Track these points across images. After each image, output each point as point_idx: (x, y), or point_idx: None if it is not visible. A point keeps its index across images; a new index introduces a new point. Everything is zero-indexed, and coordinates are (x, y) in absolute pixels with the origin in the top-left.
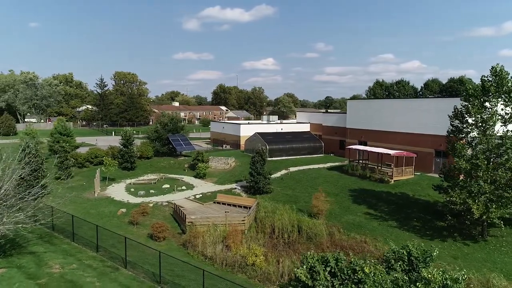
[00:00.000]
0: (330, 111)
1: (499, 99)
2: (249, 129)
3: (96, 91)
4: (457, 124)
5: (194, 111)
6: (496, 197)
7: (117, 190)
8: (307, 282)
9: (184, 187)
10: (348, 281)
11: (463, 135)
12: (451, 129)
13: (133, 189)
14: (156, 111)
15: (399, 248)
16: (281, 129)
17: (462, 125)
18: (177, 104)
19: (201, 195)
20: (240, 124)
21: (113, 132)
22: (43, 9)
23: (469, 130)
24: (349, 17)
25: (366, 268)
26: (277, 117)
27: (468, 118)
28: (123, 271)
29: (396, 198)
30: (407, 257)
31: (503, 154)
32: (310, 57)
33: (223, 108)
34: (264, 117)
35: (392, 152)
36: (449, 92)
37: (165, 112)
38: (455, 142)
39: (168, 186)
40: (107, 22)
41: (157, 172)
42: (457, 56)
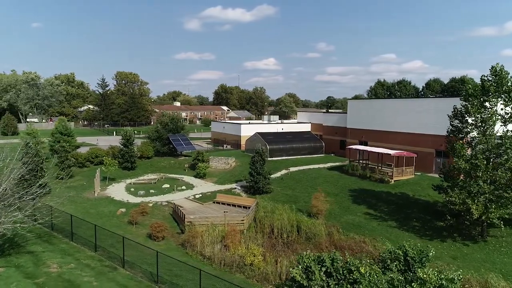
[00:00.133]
0: (331, 111)
1: (499, 99)
2: (250, 129)
3: (97, 91)
4: (457, 124)
5: (195, 111)
6: (495, 197)
7: (117, 189)
8: (302, 282)
9: (184, 187)
10: (343, 281)
11: (463, 135)
12: (451, 129)
13: (133, 189)
14: (157, 111)
15: (395, 248)
16: (282, 129)
17: (461, 125)
18: (178, 104)
19: (200, 195)
20: (240, 124)
21: (114, 132)
22: (45, 10)
23: (469, 130)
24: (351, 17)
25: (361, 268)
26: (278, 117)
27: (467, 118)
28: (121, 271)
29: (396, 198)
30: (403, 257)
31: (502, 154)
32: (311, 57)
33: (225, 108)
34: (265, 117)
35: (392, 152)
36: (451, 92)
37: (166, 112)
38: (454, 142)
39: (168, 186)
40: (109, 22)
41: (157, 172)
42: (459, 56)
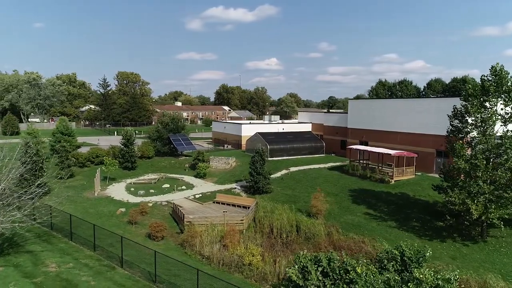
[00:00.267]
0: (332, 111)
1: (499, 99)
2: (250, 129)
3: (99, 91)
4: (457, 124)
5: (196, 111)
6: (495, 198)
7: (117, 189)
8: (298, 282)
9: (184, 187)
10: (339, 281)
11: (462, 135)
12: (450, 129)
13: (133, 189)
14: (158, 111)
15: (392, 248)
16: (283, 129)
17: (461, 125)
18: (179, 104)
19: (200, 195)
20: (241, 124)
21: (115, 132)
22: (47, 10)
23: (469, 130)
24: (352, 17)
25: (358, 268)
26: (279, 117)
27: (467, 118)
28: (119, 270)
29: (396, 198)
30: (400, 257)
31: (502, 154)
32: (313, 57)
33: (226, 108)
34: (265, 117)
35: (392, 152)
36: (452, 92)
37: (166, 112)
38: (454, 142)
39: (168, 185)
40: (111, 22)
41: (157, 171)
42: (462, 55)
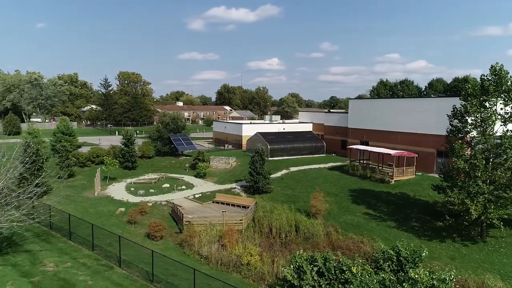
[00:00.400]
0: (333, 111)
1: (499, 99)
2: (251, 129)
3: (100, 91)
4: (456, 123)
5: (198, 111)
6: (494, 198)
7: (117, 189)
8: (293, 281)
9: (184, 187)
10: (335, 281)
11: (462, 135)
12: (450, 129)
13: (133, 188)
14: (160, 111)
15: (388, 248)
16: (283, 129)
17: (461, 124)
18: (181, 104)
19: (200, 195)
20: (242, 124)
21: (117, 131)
22: (50, 10)
23: (468, 130)
24: (354, 17)
25: (353, 268)
26: (280, 117)
27: (467, 117)
28: (117, 270)
29: (396, 198)
30: (396, 257)
31: (502, 154)
32: (315, 57)
33: (227, 108)
34: (266, 117)
35: (393, 152)
36: (454, 91)
37: (167, 111)
38: (454, 142)
39: (168, 185)
40: (113, 22)
41: (158, 171)
42: (464, 55)
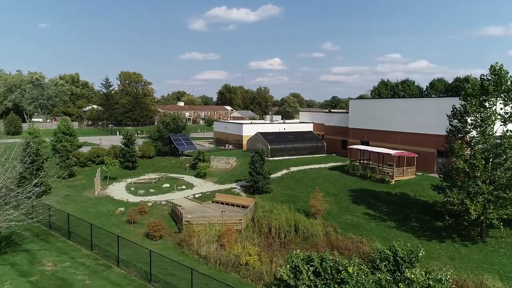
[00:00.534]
0: (333, 110)
1: (498, 98)
2: (252, 129)
3: (101, 91)
4: (456, 123)
5: (199, 111)
6: (494, 198)
7: (117, 189)
8: (289, 281)
9: (184, 187)
10: (331, 281)
11: (462, 135)
12: (450, 128)
13: (133, 188)
14: (161, 111)
15: (385, 248)
16: (284, 129)
17: (461, 124)
18: (182, 104)
19: (200, 195)
20: (242, 123)
21: (118, 131)
22: (52, 11)
23: (468, 129)
24: (356, 16)
25: (349, 268)
26: (280, 117)
27: (466, 117)
28: (115, 269)
29: (396, 198)
30: (393, 257)
31: (501, 154)
32: (316, 57)
33: (228, 108)
34: (267, 117)
35: (393, 152)
36: (455, 91)
37: (167, 111)
38: (453, 142)
39: (168, 185)
40: (114, 22)
41: (158, 171)
42: (466, 55)
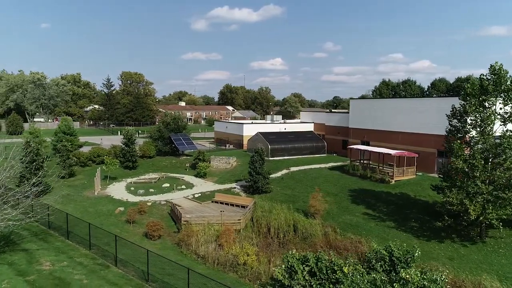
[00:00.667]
0: (334, 110)
1: (498, 98)
2: (252, 129)
3: (103, 91)
4: (455, 123)
5: (200, 111)
6: (493, 198)
7: (117, 189)
8: (284, 281)
9: (184, 186)
10: (325, 281)
11: (461, 135)
12: (449, 128)
13: (133, 188)
14: (162, 111)
15: (380, 248)
16: (284, 129)
17: (460, 124)
18: (183, 104)
19: (200, 194)
20: (243, 123)
21: (119, 131)
22: (54, 11)
23: (467, 129)
24: (358, 16)
25: (345, 268)
26: (281, 117)
27: (466, 117)
28: (113, 269)
29: (396, 198)
30: (389, 257)
31: (501, 154)
32: (318, 57)
33: (230, 108)
34: (268, 117)
35: (393, 152)
36: (457, 91)
37: (168, 111)
38: (453, 141)
39: (168, 185)
40: (115, 22)
41: (158, 171)
42: (468, 55)
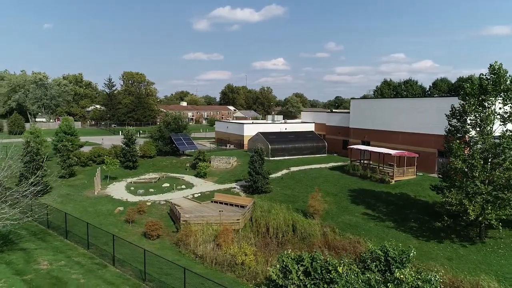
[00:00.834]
0: (335, 110)
1: (497, 98)
2: (253, 129)
3: (105, 91)
4: (455, 123)
5: (201, 111)
6: (492, 198)
7: (117, 188)
8: (278, 281)
9: (183, 186)
10: (320, 281)
11: (460, 135)
12: (448, 128)
13: (133, 188)
14: (164, 110)
15: (376, 248)
16: (285, 129)
17: (460, 124)
18: (185, 104)
19: (199, 194)
20: (243, 123)
21: (120, 131)
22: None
23: (467, 129)
24: (359, 16)
25: (339, 268)
26: (282, 117)
27: (466, 117)
28: (111, 268)
29: (395, 198)
30: (384, 257)
31: (500, 154)
32: (320, 57)
33: (231, 108)
34: (269, 117)
35: (393, 152)
36: (458, 91)
37: (168, 111)
38: (451, 141)
39: (168, 185)
40: (116, 23)
41: (159, 171)
42: (471, 55)
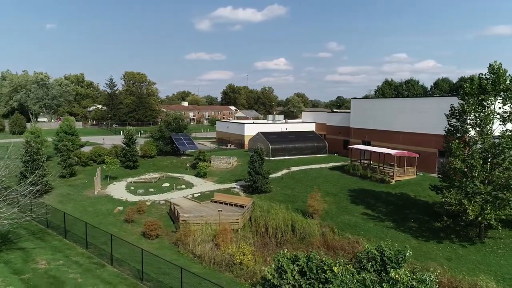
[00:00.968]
0: (336, 110)
1: (497, 97)
2: (253, 129)
3: (106, 91)
4: (454, 123)
5: (203, 111)
6: (492, 198)
7: (118, 188)
8: (273, 281)
9: (183, 186)
10: (315, 281)
11: (460, 135)
12: (448, 128)
13: (133, 188)
14: (165, 110)
15: (372, 248)
16: (286, 129)
17: (459, 124)
18: (186, 104)
19: (199, 194)
20: (244, 123)
21: (121, 131)
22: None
23: (466, 129)
24: (361, 16)
25: (335, 268)
26: (283, 117)
27: (465, 117)
28: (109, 268)
29: (395, 198)
30: (380, 257)
31: (499, 154)
32: (322, 56)
33: (232, 108)
34: (269, 117)
35: (393, 152)
36: (459, 91)
37: (169, 111)
38: (451, 141)
39: (168, 184)
40: (117, 23)
41: (159, 171)
42: (473, 55)
